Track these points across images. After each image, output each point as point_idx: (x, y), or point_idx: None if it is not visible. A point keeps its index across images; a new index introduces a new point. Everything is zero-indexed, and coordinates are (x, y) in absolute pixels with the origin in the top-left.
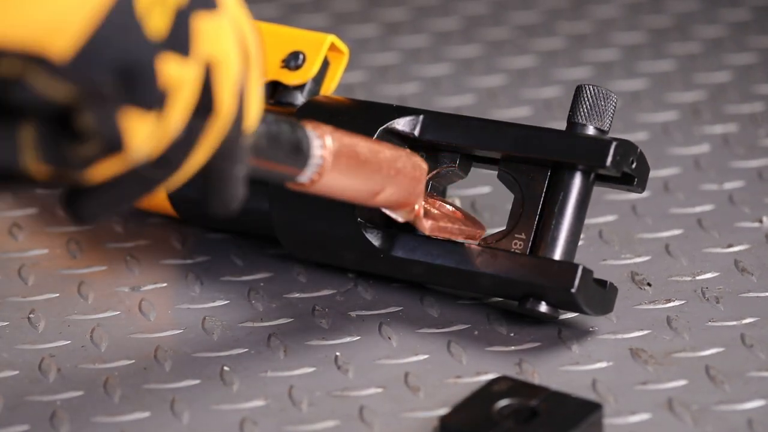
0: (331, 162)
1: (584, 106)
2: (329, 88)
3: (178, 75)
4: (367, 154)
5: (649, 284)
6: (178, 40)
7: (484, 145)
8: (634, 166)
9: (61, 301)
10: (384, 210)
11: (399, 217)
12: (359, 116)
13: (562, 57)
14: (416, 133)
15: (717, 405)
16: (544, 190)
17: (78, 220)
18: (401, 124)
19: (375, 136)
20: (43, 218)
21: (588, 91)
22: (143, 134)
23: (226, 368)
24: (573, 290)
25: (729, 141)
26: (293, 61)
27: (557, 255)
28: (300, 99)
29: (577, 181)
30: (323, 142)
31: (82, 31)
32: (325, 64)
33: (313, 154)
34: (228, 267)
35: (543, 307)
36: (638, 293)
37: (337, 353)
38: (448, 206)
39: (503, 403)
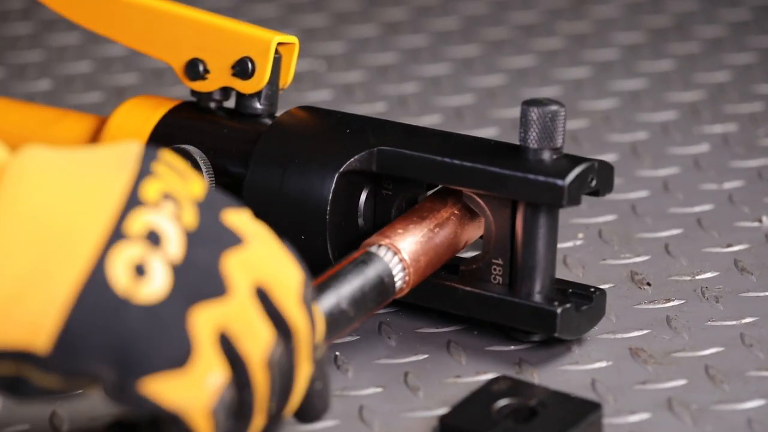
0: (413, 275)
1: (533, 131)
2: (286, 81)
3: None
4: (437, 237)
5: (648, 284)
6: (204, 284)
7: (440, 182)
8: (593, 183)
9: None
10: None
11: None
12: (312, 161)
13: (562, 57)
14: (374, 168)
15: (716, 404)
16: (511, 213)
17: None
18: (357, 163)
19: (333, 183)
20: None
21: (533, 115)
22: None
23: None
24: (556, 334)
25: (728, 141)
26: (244, 69)
27: (537, 286)
28: (258, 106)
29: (542, 208)
30: (402, 268)
31: (56, 325)
32: (277, 59)
33: (396, 284)
34: None
35: (532, 337)
36: (638, 293)
37: (337, 353)
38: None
39: (503, 402)
